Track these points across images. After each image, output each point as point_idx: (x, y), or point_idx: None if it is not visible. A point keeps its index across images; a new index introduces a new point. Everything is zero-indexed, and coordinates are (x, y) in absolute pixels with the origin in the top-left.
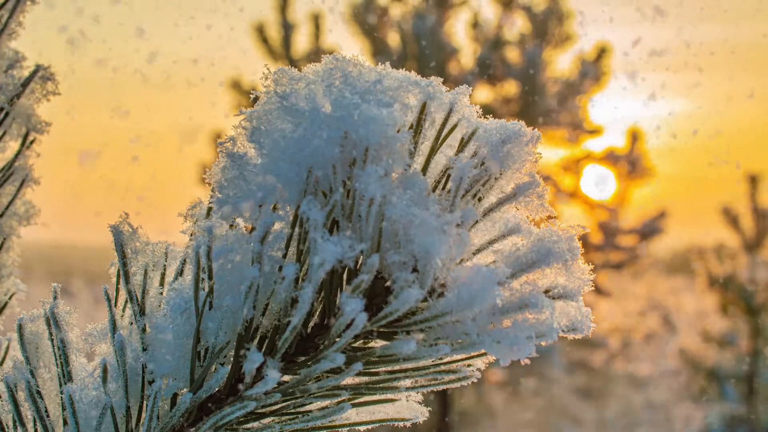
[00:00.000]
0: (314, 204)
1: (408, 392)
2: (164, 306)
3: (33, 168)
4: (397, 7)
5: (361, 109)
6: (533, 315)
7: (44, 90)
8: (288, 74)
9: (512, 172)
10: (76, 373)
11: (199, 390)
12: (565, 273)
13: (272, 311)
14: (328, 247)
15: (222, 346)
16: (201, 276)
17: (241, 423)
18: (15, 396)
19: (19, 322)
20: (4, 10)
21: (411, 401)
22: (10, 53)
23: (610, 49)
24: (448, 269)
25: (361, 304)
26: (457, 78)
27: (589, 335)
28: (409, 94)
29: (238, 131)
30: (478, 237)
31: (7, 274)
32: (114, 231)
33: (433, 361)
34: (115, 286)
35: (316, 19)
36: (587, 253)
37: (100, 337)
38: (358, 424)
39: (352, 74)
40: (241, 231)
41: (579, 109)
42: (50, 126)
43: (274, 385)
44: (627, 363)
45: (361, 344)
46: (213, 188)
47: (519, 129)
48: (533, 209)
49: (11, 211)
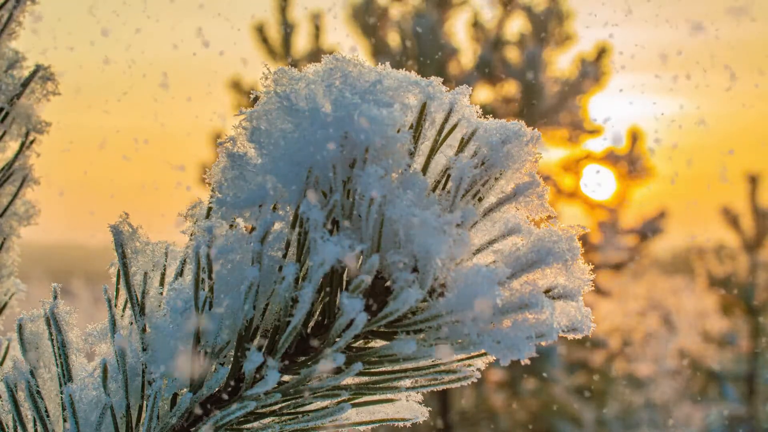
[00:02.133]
0: (314, 204)
1: (408, 392)
2: (164, 306)
3: (33, 168)
4: (397, 7)
5: (361, 109)
6: (533, 315)
7: (44, 90)
8: (288, 74)
9: (512, 172)
10: (76, 373)
11: (199, 390)
12: (565, 273)
13: (272, 311)
14: (328, 247)
15: (222, 346)
16: (201, 276)
17: (241, 423)
18: (15, 396)
19: (19, 322)
20: (4, 10)
21: (411, 401)
22: (10, 53)
23: (610, 49)
24: (448, 269)
25: (361, 304)
26: (457, 78)
27: (589, 335)
28: (409, 94)
29: (238, 131)
30: (478, 237)
31: (7, 274)
32: (114, 231)
33: (433, 361)
34: (115, 286)
35: (316, 19)
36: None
37: (100, 337)
38: (358, 424)
39: (352, 74)
40: (241, 231)
41: (579, 109)
42: (50, 126)
43: (274, 385)
44: (627, 363)
45: (361, 344)
46: (213, 188)
47: (519, 129)
48: (533, 209)
49: (11, 211)
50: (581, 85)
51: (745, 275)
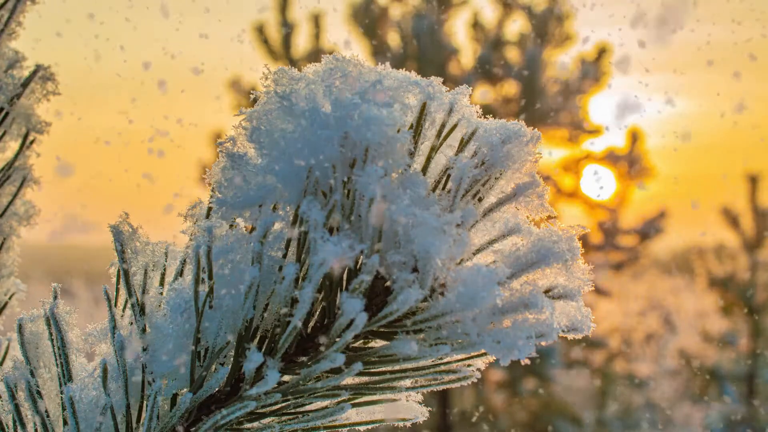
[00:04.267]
0: (314, 204)
1: (408, 392)
2: (164, 306)
3: (33, 168)
4: (397, 7)
5: (361, 109)
6: (533, 315)
7: (44, 90)
8: (288, 74)
9: (512, 172)
10: (76, 373)
11: (199, 390)
12: (565, 273)
13: (272, 311)
14: (328, 247)
15: (222, 346)
16: (201, 276)
17: (241, 423)
18: (15, 396)
19: (19, 322)
20: (4, 10)
21: (411, 401)
22: (10, 53)
23: (610, 49)
24: (448, 269)
25: (361, 304)
26: (457, 78)
27: (589, 335)
28: (409, 94)
29: (238, 131)
30: (478, 237)
31: (7, 274)
32: (114, 231)
33: (433, 361)
34: (115, 286)
35: (316, 19)
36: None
37: (100, 337)
38: (358, 424)
39: (352, 74)
40: (241, 231)
41: (579, 109)
42: (50, 126)
43: (274, 385)
44: (627, 363)
45: (361, 344)
46: (213, 188)
47: (519, 129)
48: (533, 209)
49: (11, 211)
50: (581, 85)
51: (745, 275)
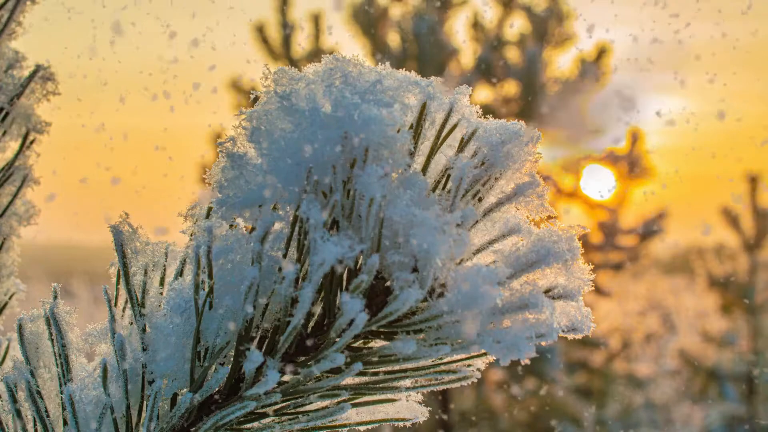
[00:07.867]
0: (314, 204)
1: (408, 392)
2: (164, 306)
3: (33, 168)
4: (397, 7)
5: (361, 109)
6: (533, 315)
7: (44, 90)
8: (288, 74)
9: (512, 172)
10: (76, 373)
11: (199, 390)
12: (565, 273)
13: (272, 311)
14: (328, 247)
15: (222, 346)
16: (201, 276)
17: (241, 423)
18: (15, 396)
19: (19, 322)
20: (4, 10)
21: (411, 401)
22: (10, 53)
23: (610, 49)
24: (448, 269)
25: (361, 304)
26: (457, 78)
27: (589, 335)
28: (409, 94)
29: (238, 131)
30: (478, 237)
31: (7, 274)
32: (114, 231)
33: (433, 361)
34: (115, 286)
35: (316, 19)
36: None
37: (100, 337)
38: (358, 424)
39: (352, 74)
40: (241, 231)
41: (579, 109)
42: (50, 126)
43: (274, 385)
44: (627, 363)
45: (361, 344)
46: (213, 188)
47: (519, 129)
48: (533, 209)
49: (11, 211)
50: (581, 85)
51: (745, 275)
